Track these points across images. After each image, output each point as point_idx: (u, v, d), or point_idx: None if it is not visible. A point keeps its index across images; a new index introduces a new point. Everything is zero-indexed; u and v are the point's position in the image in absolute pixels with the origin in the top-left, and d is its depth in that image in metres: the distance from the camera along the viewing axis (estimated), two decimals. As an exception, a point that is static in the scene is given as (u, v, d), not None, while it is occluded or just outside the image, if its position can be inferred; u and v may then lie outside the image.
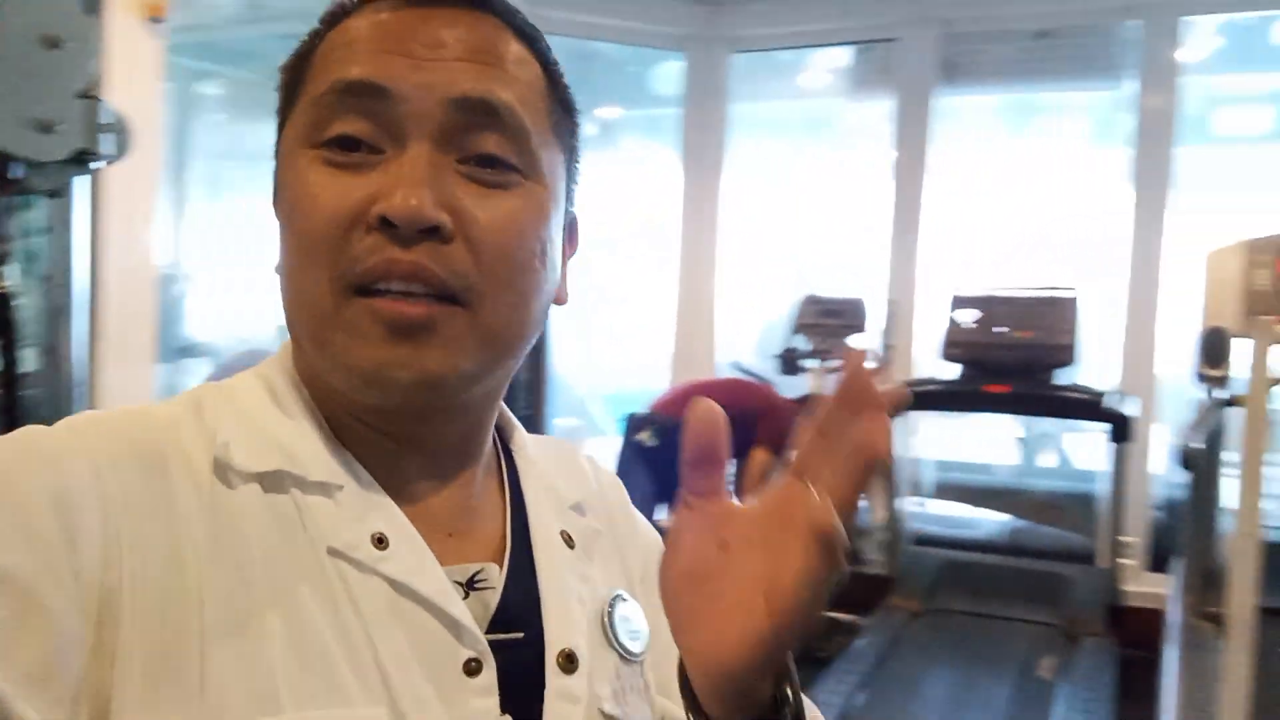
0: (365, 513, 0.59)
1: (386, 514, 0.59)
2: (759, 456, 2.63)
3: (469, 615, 0.58)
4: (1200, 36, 3.98)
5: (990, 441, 4.81)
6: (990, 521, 4.34)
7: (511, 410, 0.72)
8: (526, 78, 0.61)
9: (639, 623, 0.68)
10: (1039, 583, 3.42)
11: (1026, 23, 4.06)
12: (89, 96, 1.36)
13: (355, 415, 0.61)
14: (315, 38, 0.62)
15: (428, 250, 0.56)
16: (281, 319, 0.60)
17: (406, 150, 0.56)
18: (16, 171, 1.36)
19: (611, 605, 0.67)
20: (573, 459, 0.76)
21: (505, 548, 0.65)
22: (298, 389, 0.63)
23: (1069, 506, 4.30)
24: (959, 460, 4.91)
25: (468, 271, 0.57)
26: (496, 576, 0.62)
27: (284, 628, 0.53)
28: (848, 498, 0.49)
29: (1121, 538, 3.38)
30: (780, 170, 4.94)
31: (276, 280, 0.62)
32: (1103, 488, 3.64)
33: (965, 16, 4.08)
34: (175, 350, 3.79)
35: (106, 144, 1.42)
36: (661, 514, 4.06)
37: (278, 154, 0.63)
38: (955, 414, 4.43)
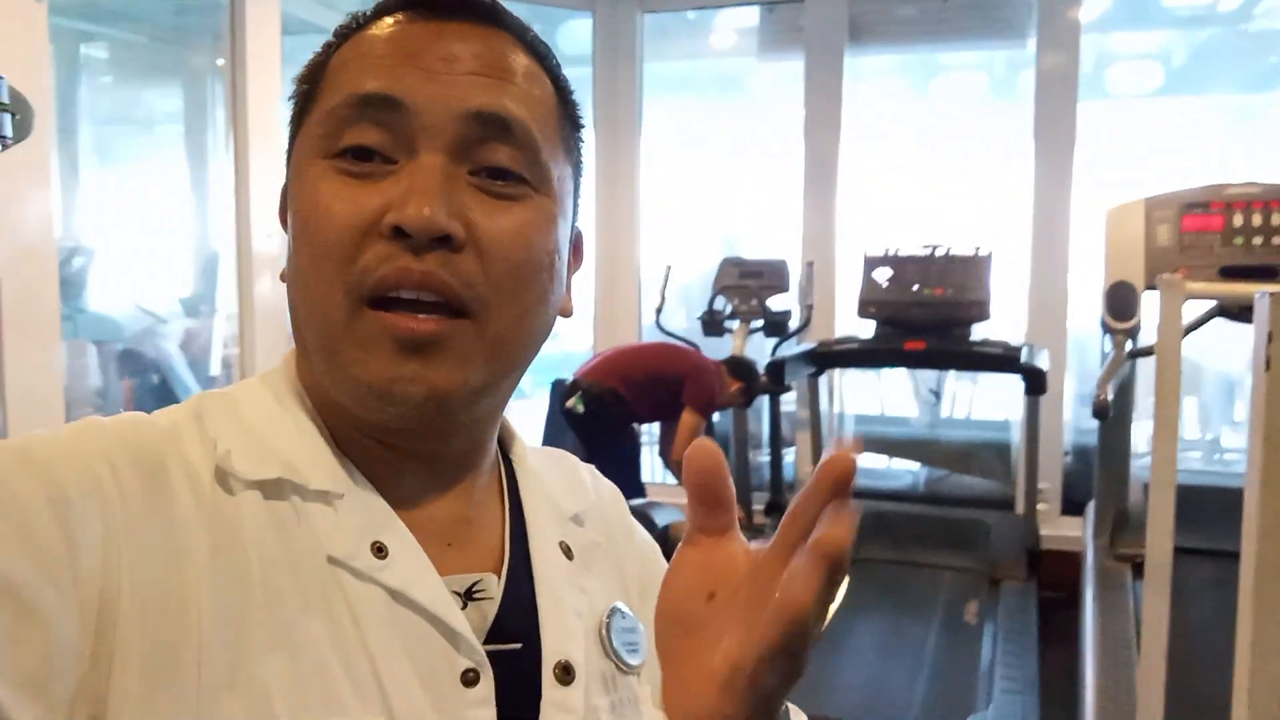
0: (365, 522, 0.58)
1: (386, 523, 0.59)
2: (686, 418, 2.68)
3: (467, 625, 0.58)
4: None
5: (902, 394, 4.94)
6: (908, 472, 4.47)
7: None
8: (538, 93, 0.61)
9: (637, 635, 0.69)
10: (959, 530, 3.54)
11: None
12: (-14, 75, 1.27)
13: (358, 427, 0.61)
14: (328, 49, 0.62)
15: (438, 259, 0.56)
16: (185, 292, 0.58)
17: (419, 161, 0.57)
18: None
19: (609, 617, 0.67)
20: (573, 471, 0.76)
21: (504, 558, 0.64)
22: (300, 397, 0.62)
23: (983, 455, 4.46)
24: (874, 414, 5.03)
25: (477, 281, 0.57)
26: (494, 587, 0.62)
27: (282, 636, 0.53)
28: (806, 589, 0.44)
29: (1037, 484, 3.52)
30: (697, 131, 4.94)
31: (285, 289, 0.62)
32: (1016, 437, 3.77)
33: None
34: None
35: (7, 125, 1.33)
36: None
37: (289, 164, 0.62)
38: (874, 370, 4.54)
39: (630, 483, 3.59)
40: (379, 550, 0.57)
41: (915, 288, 3.58)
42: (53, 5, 2.30)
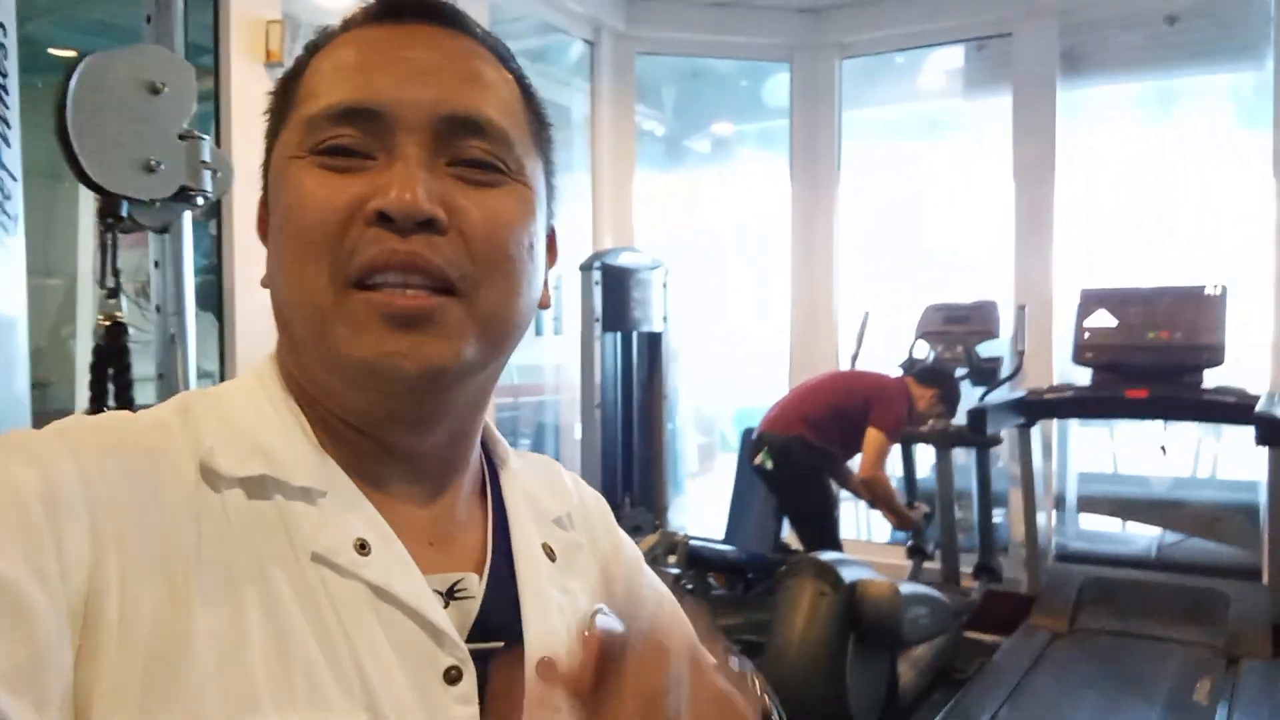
0: (347, 518, 0.59)
1: (369, 520, 0.59)
2: (873, 436, 2.57)
3: (449, 622, 0.58)
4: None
5: (1148, 451, 4.54)
6: (1142, 536, 4.09)
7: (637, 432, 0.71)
8: (505, 93, 0.63)
9: None
10: (1194, 600, 3.20)
11: (1153, 6, 3.85)
12: (189, 137, 1.41)
13: (344, 419, 0.62)
14: (300, 64, 0.64)
15: (423, 242, 0.56)
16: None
17: (398, 154, 0.58)
18: (124, 210, 1.41)
19: (593, 617, 0.67)
20: (556, 474, 0.77)
21: (486, 558, 0.65)
22: (285, 394, 0.63)
23: (1229, 519, 4.02)
24: (1107, 472, 4.65)
25: (462, 262, 0.58)
26: (476, 586, 0.62)
27: (266, 632, 0.54)
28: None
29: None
30: (900, 175, 4.82)
31: (267, 295, 0.63)
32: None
33: (1084, 6, 3.90)
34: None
35: (208, 181, 1.46)
36: (785, 529, 3.98)
37: (267, 174, 0.64)
38: (1092, 422, 4.20)
39: (825, 536, 3.45)
40: (361, 547, 0.58)
41: (1138, 331, 3.30)
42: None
